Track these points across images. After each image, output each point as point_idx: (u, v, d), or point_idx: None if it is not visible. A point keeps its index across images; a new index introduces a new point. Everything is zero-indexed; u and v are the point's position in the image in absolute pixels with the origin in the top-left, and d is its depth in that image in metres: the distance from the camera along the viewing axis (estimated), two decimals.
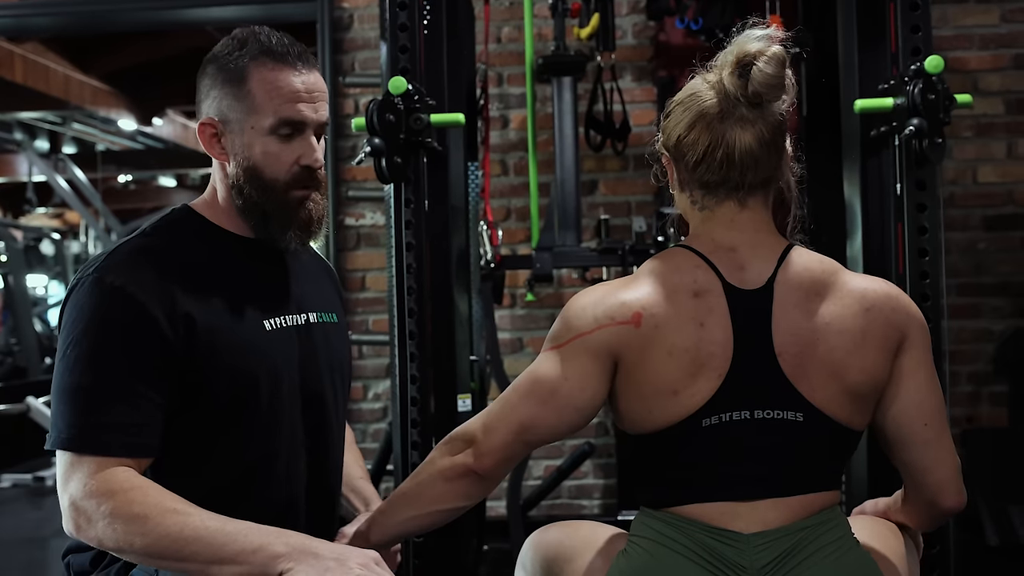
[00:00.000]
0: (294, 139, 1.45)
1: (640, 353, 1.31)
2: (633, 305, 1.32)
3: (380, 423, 3.79)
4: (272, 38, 1.44)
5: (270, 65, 1.42)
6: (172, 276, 1.39)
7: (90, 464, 1.30)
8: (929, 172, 2.07)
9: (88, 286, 1.36)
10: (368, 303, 3.84)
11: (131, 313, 1.34)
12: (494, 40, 3.71)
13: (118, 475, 1.30)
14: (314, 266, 1.66)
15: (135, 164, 10.70)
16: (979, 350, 3.59)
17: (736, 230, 1.36)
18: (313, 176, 1.47)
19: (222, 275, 1.45)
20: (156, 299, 1.36)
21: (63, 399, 1.34)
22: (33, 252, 8.92)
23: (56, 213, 11.96)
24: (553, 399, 1.33)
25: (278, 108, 1.42)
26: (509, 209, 3.78)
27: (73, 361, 1.33)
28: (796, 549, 1.29)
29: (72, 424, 1.32)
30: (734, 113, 1.32)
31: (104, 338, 1.34)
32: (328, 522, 1.58)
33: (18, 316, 7.59)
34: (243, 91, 1.42)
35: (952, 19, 3.61)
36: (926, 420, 1.36)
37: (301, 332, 1.52)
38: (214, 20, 4.28)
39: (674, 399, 1.30)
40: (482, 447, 1.35)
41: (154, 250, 1.43)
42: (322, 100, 1.47)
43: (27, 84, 6.88)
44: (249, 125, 1.43)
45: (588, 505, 3.77)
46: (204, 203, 1.53)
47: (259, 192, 1.45)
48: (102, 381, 1.32)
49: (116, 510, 1.27)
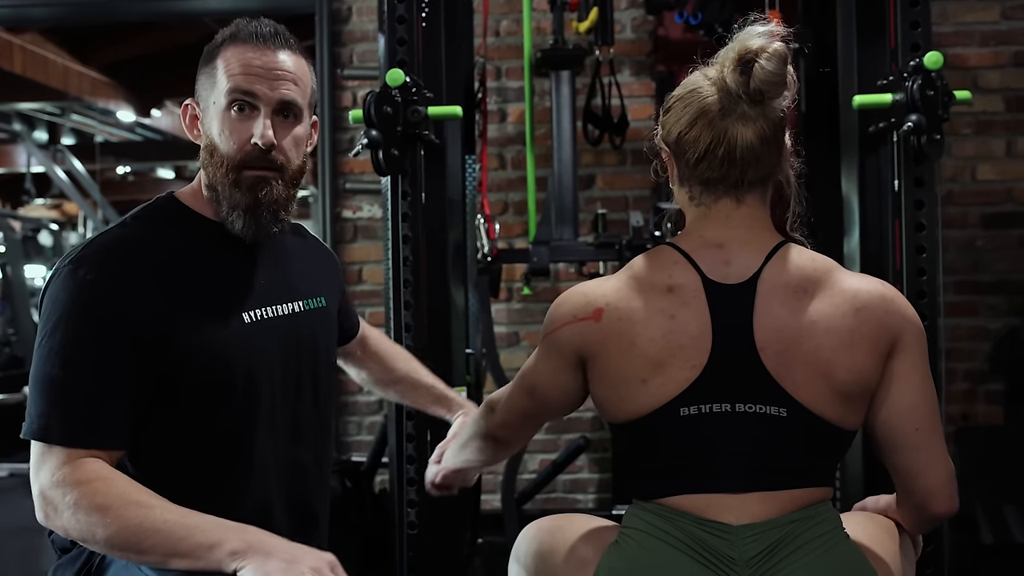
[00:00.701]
0: (251, 117, 1.44)
1: (603, 346, 1.34)
2: (596, 301, 1.35)
3: (376, 415, 3.79)
4: (252, 24, 1.46)
5: (237, 45, 1.45)
6: (147, 268, 1.39)
7: (59, 454, 1.31)
8: (927, 169, 2.07)
9: (63, 278, 1.37)
10: (365, 296, 3.84)
11: (103, 307, 1.35)
12: (492, 33, 3.70)
13: (86, 465, 1.31)
14: (302, 251, 1.64)
15: (134, 155, 10.68)
16: (976, 348, 3.59)
17: (729, 227, 1.36)
18: (266, 156, 1.44)
19: (201, 266, 1.45)
20: (129, 292, 1.36)
21: (36, 389, 1.35)
22: (31, 243, 8.89)
23: (54, 204, 11.92)
24: (535, 393, 1.44)
25: (232, 80, 1.43)
26: (506, 203, 3.78)
27: (46, 352, 1.35)
28: (784, 541, 1.29)
29: (43, 414, 1.33)
30: (735, 110, 1.31)
31: (76, 331, 1.34)
32: (310, 515, 1.57)
33: (16, 307, 7.57)
34: (211, 69, 1.46)
35: (952, 15, 3.60)
36: (917, 424, 1.35)
37: (284, 323, 1.51)
38: (213, 11, 4.27)
39: (643, 387, 1.31)
40: (495, 420, 1.50)
41: (131, 241, 1.42)
42: (286, 79, 1.45)
43: (26, 75, 6.86)
44: (212, 101, 1.45)
45: (583, 499, 3.77)
46: (190, 191, 1.53)
47: (213, 170, 1.45)
48: (73, 373, 1.33)
49: (80, 500, 1.28)
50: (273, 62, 1.45)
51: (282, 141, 1.46)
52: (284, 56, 1.46)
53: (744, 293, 1.32)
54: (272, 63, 1.45)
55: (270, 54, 1.45)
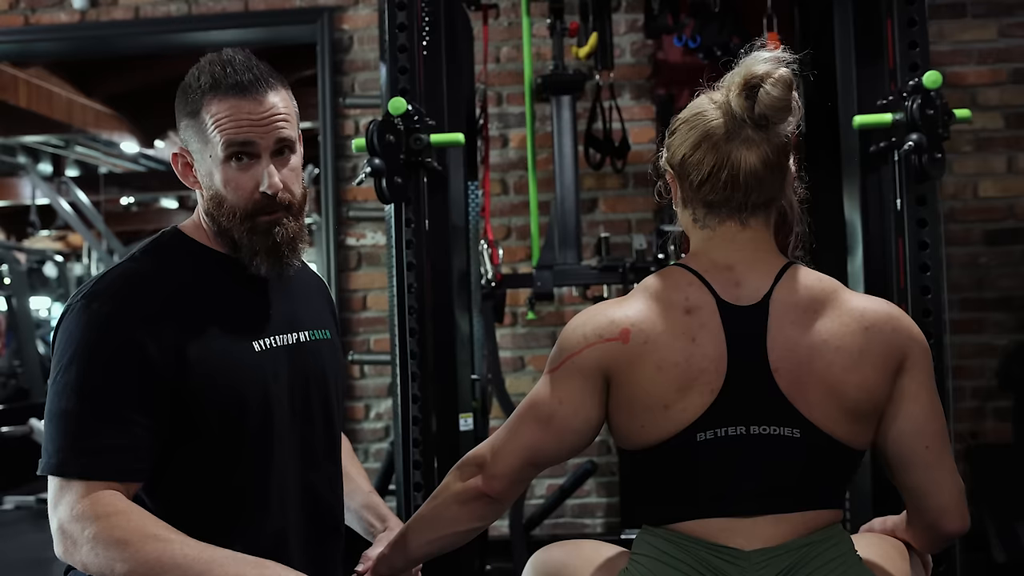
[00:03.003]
0: (252, 166, 1.44)
1: (629, 369, 1.31)
2: (622, 322, 1.33)
3: (382, 443, 3.78)
4: (226, 68, 1.43)
5: (219, 97, 1.42)
6: (159, 301, 1.40)
7: (78, 488, 1.32)
8: (929, 187, 2.07)
9: (76, 312, 1.39)
10: (369, 323, 3.84)
11: (117, 340, 1.36)
12: (493, 60, 3.72)
13: (103, 499, 1.31)
14: (305, 282, 1.65)
15: (137, 186, 10.74)
16: (982, 365, 3.58)
17: (735, 249, 1.36)
18: (274, 201, 1.45)
19: (210, 297, 1.46)
20: (143, 325, 1.37)
21: (52, 424, 1.36)
22: (36, 274, 8.92)
23: (59, 235, 11.98)
24: (551, 424, 1.36)
25: (224, 135, 1.42)
26: (509, 228, 3.79)
27: (62, 387, 1.35)
28: (797, 566, 1.28)
29: (60, 449, 1.34)
30: (740, 134, 1.32)
31: (91, 364, 1.35)
32: (327, 540, 1.57)
33: (22, 338, 7.59)
34: (199, 123, 1.44)
35: (950, 34, 3.62)
36: (927, 443, 1.35)
37: (292, 352, 1.52)
38: (214, 43, 4.30)
39: (665, 414, 1.30)
40: (491, 470, 1.38)
41: (142, 275, 1.44)
42: (278, 120, 1.44)
43: (31, 108, 6.91)
44: (207, 155, 1.45)
45: (591, 524, 3.75)
46: (193, 224, 1.54)
47: (226, 220, 1.46)
48: (89, 407, 1.34)
49: (99, 534, 1.28)
50: (262, 109, 1.43)
51: (284, 179, 1.46)
52: (271, 98, 1.44)
53: (757, 314, 1.32)
54: (261, 110, 1.43)
55: (257, 102, 1.42)
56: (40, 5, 4.02)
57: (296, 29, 3.94)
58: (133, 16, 3.99)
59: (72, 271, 9.78)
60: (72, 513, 1.30)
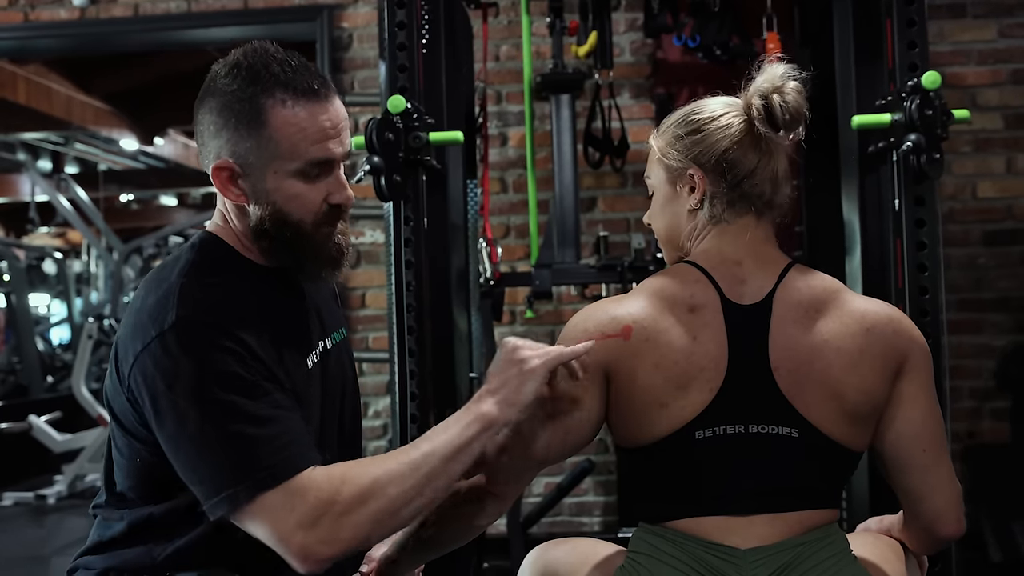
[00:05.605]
0: (321, 178, 1.35)
1: (630, 365, 1.32)
2: (624, 319, 1.33)
3: (380, 440, 3.79)
4: (287, 68, 1.30)
5: (291, 103, 1.29)
6: (236, 319, 1.29)
7: (293, 486, 1.22)
8: (928, 188, 2.07)
9: (174, 338, 1.25)
10: (368, 321, 3.84)
11: (232, 339, 1.26)
12: (492, 58, 3.72)
13: (317, 475, 1.23)
14: (321, 284, 1.61)
15: (137, 183, 10.74)
16: (980, 365, 3.58)
17: (746, 242, 1.37)
18: (340, 211, 1.39)
19: (269, 313, 1.36)
20: (244, 337, 1.28)
21: (221, 456, 1.23)
22: (35, 271, 8.93)
23: (58, 232, 11.98)
24: (552, 420, 1.35)
25: (306, 151, 1.31)
26: (508, 226, 3.79)
27: (213, 415, 1.24)
28: (792, 564, 1.28)
29: (256, 467, 1.22)
30: (771, 137, 1.36)
31: (227, 374, 1.25)
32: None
33: (21, 335, 7.60)
34: (263, 134, 1.30)
35: (949, 35, 3.62)
36: (924, 446, 1.35)
37: (327, 359, 1.47)
38: (214, 40, 4.30)
39: (663, 411, 1.30)
40: (493, 469, 1.37)
41: (212, 287, 1.33)
42: (346, 129, 1.36)
43: (30, 105, 6.92)
44: (272, 170, 1.32)
45: (588, 522, 3.76)
46: (230, 233, 1.41)
47: (289, 234, 1.35)
48: (243, 417, 1.24)
49: (351, 501, 1.22)
50: (335, 117, 1.33)
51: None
52: (338, 103, 1.34)
53: (759, 313, 1.33)
54: (336, 118, 1.33)
55: (329, 106, 1.32)
56: (40, 2, 4.02)
57: (295, 27, 3.94)
58: (132, 13, 3.98)
59: (71, 268, 9.78)
60: (310, 505, 1.20)
